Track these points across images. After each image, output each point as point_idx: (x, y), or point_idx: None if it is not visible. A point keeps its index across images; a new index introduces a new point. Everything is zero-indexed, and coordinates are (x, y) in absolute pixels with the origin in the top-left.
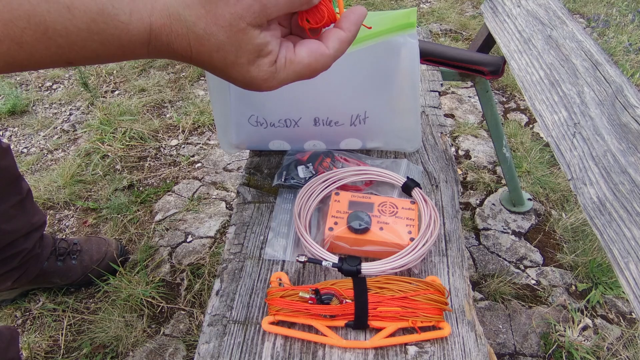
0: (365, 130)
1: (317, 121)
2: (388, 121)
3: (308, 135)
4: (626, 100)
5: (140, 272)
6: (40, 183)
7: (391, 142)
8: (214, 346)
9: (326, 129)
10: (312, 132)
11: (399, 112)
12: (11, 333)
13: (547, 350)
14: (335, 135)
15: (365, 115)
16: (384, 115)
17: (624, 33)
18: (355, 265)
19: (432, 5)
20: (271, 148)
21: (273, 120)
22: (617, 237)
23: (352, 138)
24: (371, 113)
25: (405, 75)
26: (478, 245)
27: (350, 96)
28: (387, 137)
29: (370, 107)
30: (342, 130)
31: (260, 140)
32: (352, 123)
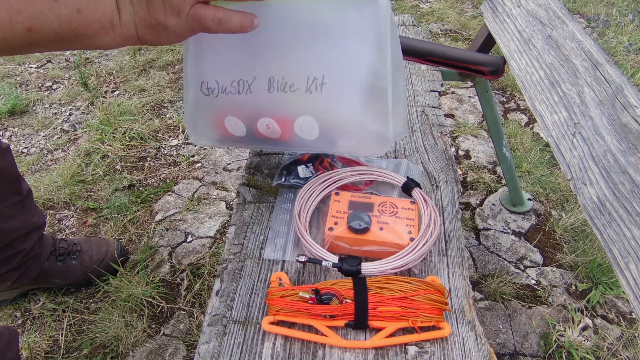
0: (323, 104)
1: (272, 82)
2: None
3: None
4: (626, 100)
5: (140, 272)
6: (40, 183)
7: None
8: (214, 346)
9: (281, 96)
10: (266, 103)
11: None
12: (10, 333)
13: (547, 350)
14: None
15: (323, 81)
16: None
17: (624, 33)
18: (355, 265)
19: (432, 5)
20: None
21: (225, 84)
22: (617, 237)
23: (308, 116)
24: (329, 79)
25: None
26: (478, 245)
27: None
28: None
29: (329, 72)
30: (297, 99)
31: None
32: (308, 89)
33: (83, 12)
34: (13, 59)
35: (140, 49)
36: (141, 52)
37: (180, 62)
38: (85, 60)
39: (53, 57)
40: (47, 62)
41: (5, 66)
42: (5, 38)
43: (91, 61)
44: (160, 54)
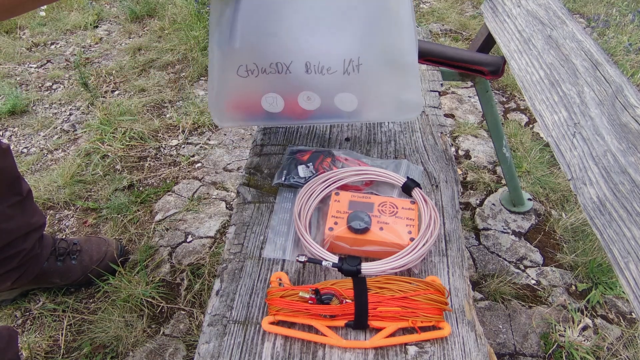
0: (360, 83)
1: (309, 67)
2: (384, 73)
3: (301, 84)
4: (626, 100)
5: (140, 272)
6: (40, 183)
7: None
8: (214, 346)
9: (319, 77)
10: (305, 82)
11: (395, 65)
12: (10, 333)
13: (547, 350)
14: (329, 87)
15: (359, 62)
16: (379, 64)
17: (624, 33)
18: (355, 265)
19: (432, 5)
20: (264, 108)
21: (264, 65)
22: (617, 237)
23: (347, 93)
24: (365, 60)
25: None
26: (478, 245)
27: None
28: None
29: (363, 53)
30: (335, 80)
31: (252, 98)
32: (346, 70)
33: None
34: (13, 59)
35: (140, 49)
36: (141, 52)
37: (180, 62)
38: (85, 60)
39: (53, 57)
40: (47, 62)
41: (5, 66)
42: None
43: (91, 61)
44: (160, 54)
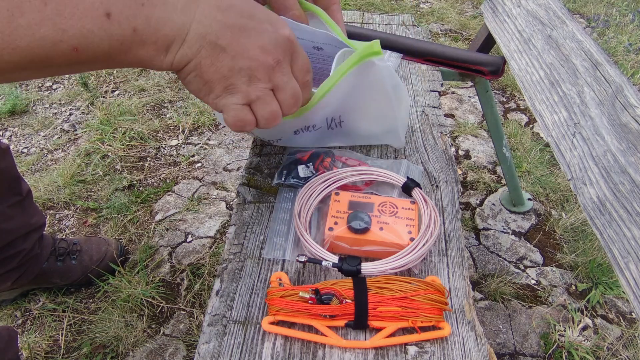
0: (343, 133)
1: (297, 132)
2: (363, 124)
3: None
4: (626, 100)
5: (140, 272)
6: (40, 183)
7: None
8: (214, 346)
9: (306, 134)
10: (294, 141)
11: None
12: (9, 333)
13: (547, 350)
14: (317, 139)
15: (340, 119)
16: (358, 119)
17: (624, 33)
18: (355, 265)
19: (432, 5)
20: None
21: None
22: (617, 237)
23: (333, 142)
24: (345, 118)
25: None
26: (478, 245)
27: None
28: (365, 138)
29: (343, 113)
30: (322, 134)
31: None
32: (329, 126)
33: (140, 31)
34: None
35: None
36: None
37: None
38: None
39: None
40: None
41: None
42: (48, 57)
43: None
44: None
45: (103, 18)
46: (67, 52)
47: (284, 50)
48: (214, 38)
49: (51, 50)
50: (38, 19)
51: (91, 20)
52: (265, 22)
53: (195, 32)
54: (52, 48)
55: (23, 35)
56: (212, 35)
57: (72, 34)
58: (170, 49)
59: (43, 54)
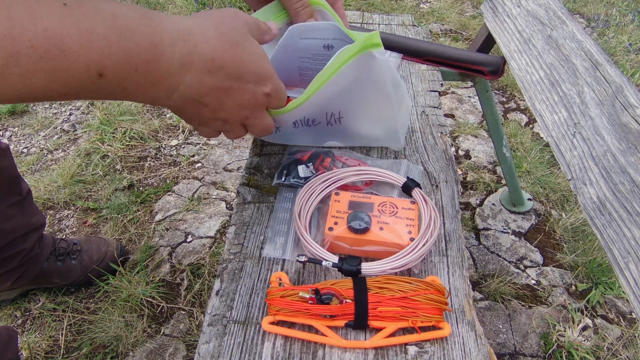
0: (343, 129)
1: (297, 123)
2: (363, 121)
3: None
4: (626, 100)
5: (140, 272)
6: (40, 183)
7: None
8: (214, 346)
9: (306, 129)
10: (293, 136)
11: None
12: (9, 333)
13: (547, 350)
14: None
15: (340, 115)
16: (357, 116)
17: (624, 33)
18: (355, 265)
19: (432, 5)
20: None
21: None
22: (617, 237)
23: (332, 140)
24: (345, 114)
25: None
26: (478, 245)
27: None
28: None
29: (343, 109)
30: (321, 129)
31: None
32: (328, 122)
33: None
34: None
35: None
36: None
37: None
38: None
39: None
40: None
41: None
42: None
43: None
44: None
45: (95, 77)
46: (56, 96)
47: (260, 105)
48: (197, 97)
49: (41, 94)
50: (32, 70)
51: (84, 77)
52: (250, 83)
53: (181, 93)
54: (42, 93)
55: (15, 82)
56: (196, 95)
57: (62, 84)
58: (155, 101)
59: (33, 96)
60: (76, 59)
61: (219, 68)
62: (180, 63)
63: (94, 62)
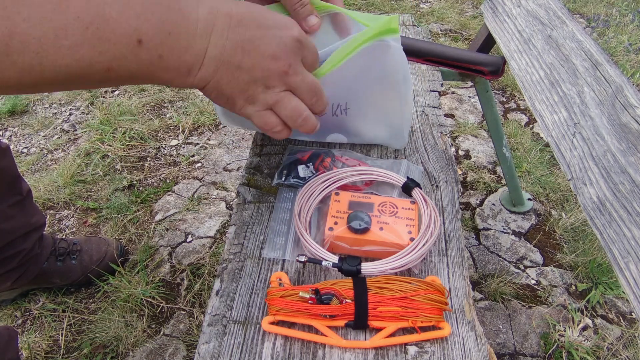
0: (348, 122)
1: None
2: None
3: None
4: (626, 100)
5: (140, 272)
6: (40, 183)
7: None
8: (214, 346)
9: None
10: None
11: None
12: (9, 333)
13: (547, 350)
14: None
15: (346, 107)
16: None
17: (624, 33)
18: (355, 265)
19: (432, 5)
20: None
21: None
22: (617, 237)
23: (336, 133)
24: (352, 105)
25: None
26: (478, 245)
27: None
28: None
29: (350, 100)
30: (326, 120)
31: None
32: (334, 113)
33: (165, 58)
34: None
35: None
36: None
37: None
38: None
39: None
40: None
41: None
42: (82, 74)
43: None
44: None
45: (135, 44)
46: (101, 71)
47: (294, 51)
48: (227, 57)
49: (87, 69)
50: (80, 41)
51: (125, 45)
52: (273, 28)
53: (210, 55)
54: (88, 67)
55: (64, 55)
56: (225, 55)
57: (107, 56)
58: (190, 73)
59: (79, 72)
60: (117, 27)
61: (238, 22)
62: (204, 23)
63: (132, 28)
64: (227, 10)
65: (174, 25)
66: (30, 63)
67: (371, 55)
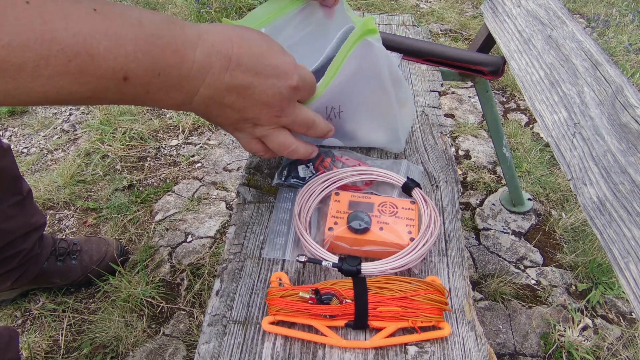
0: (342, 126)
1: None
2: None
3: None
4: (626, 100)
5: (140, 272)
6: (40, 183)
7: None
8: (214, 346)
9: None
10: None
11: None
12: (10, 333)
13: (547, 350)
14: None
15: (339, 109)
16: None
17: (624, 33)
18: (355, 265)
19: (432, 5)
20: None
21: None
22: (617, 237)
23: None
24: (344, 108)
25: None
26: (478, 245)
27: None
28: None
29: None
30: None
31: None
32: (328, 116)
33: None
34: None
35: None
36: None
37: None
38: None
39: None
40: None
41: None
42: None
43: None
44: None
45: (120, 81)
46: (81, 99)
47: (289, 99)
48: (219, 99)
49: (66, 97)
50: (61, 72)
51: (109, 80)
52: (272, 77)
53: (202, 94)
54: (67, 95)
55: (43, 84)
56: (217, 96)
57: (89, 87)
58: (179, 108)
59: (57, 98)
60: (103, 63)
61: (236, 65)
62: (200, 65)
63: (120, 66)
64: (227, 51)
65: (167, 66)
66: (5, 87)
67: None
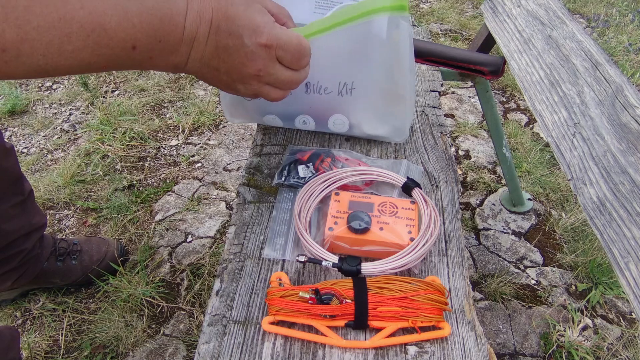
0: (352, 104)
1: (309, 86)
2: (374, 98)
3: (299, 106)
4: (626, 100)
5: (140, 272)
6: (40, 183)
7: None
8: (214, 346)
9: (316, 97)
10: (303, 103)
11: (385, 93)
12: (11, 333)
13: (547, 350)
14: (324, 109)
15: (352, 86)
16: (370, 90)
17: (624, 33)
18: (355, 265)
19: (432, 5)
20: (266, 122)
21: None
22: (617, 237)
23: (340, 114)
24: (357, 85)
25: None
26: (478, 245)
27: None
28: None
29: (357, 79)
30: (331, 100)
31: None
32: (340, 92)
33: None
34: None
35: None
36: None
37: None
38: None
39: None
40: None
41: None
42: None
43: None
44: None
45: (130, 50)
46: (98, 68)
47: (262, 57)
48: (207, 61)
49: (86, 68)
50: (81, 46)
51: (121, 49)
52: (243, 36)
53: (193, 58)
54: (87, 66)
55: (68, 58)
56: (205, 59)
57: (104, 58)
58: (177, 69)
59: (79, 70)
60: (115, 35)
61: (216, 29)
62: (189, 31)
63: (129, 37)
64: (208, 16)
65: (165, 34)
66: (37, 64)
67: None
